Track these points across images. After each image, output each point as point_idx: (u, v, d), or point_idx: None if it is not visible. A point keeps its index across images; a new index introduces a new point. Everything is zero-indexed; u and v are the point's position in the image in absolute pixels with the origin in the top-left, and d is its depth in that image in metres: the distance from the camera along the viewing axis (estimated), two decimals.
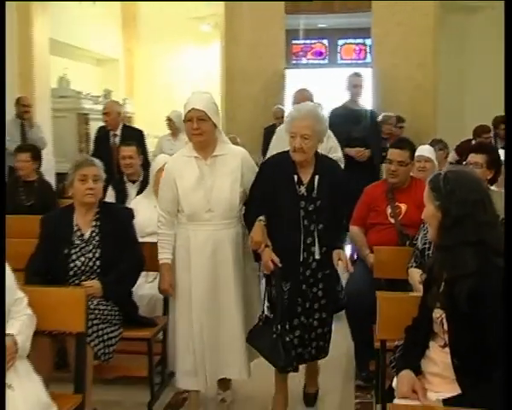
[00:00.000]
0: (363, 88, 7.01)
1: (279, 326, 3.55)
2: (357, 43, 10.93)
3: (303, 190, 3.66)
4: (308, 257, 3.66)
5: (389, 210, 4.47)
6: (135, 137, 7.09)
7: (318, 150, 3.85)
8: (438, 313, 2.67)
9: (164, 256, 3.79)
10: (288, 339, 3.58)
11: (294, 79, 9.97)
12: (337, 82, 10.07)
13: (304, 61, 11.12)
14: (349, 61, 10.74)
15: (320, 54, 11.19)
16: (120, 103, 8.73)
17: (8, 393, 2.77)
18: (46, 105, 9.82)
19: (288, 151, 3.69)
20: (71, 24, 10.87)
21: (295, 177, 3.66)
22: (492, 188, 4.53)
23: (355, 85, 6.76)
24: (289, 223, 3.64)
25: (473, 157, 4.46)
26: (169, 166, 3.86)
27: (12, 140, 7.74)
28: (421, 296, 2.87)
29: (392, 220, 4.38)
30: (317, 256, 3.65)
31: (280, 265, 3.57)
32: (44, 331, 3.36)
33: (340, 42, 11.05)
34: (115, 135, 7.45)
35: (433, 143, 6.39)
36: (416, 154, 4.80)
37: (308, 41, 11.04)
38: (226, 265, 3.71)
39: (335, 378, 4.49)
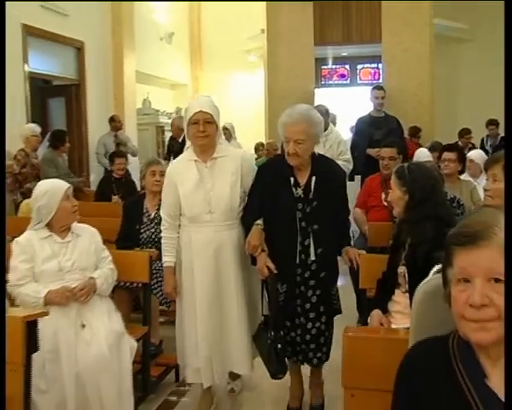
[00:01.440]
0: (384, 99, 6.97)
1: (272, 333, 2.99)
2: (372, 68, 10.95)
3: (300, 191, 2.99)
4: (306, 259, 2.99)
5: (383, 196, 4.58)
6: None
7: (321, 152, 3.32)
8: (401, 269, 2.83)
9: (167, 259, 3.19)
10: (280, 346, 2.98)
11: (322, 97, 10.15)
12: (357, 98, 10.39)
13: (330, 82, 11.23)
14: (366, 82, 10.79)
15: (343, 76, 11.25)
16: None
17: (84, 328, 2.94)
18: (133, 121, 10.01)
19: (279, 155, 3.12)
20: (151, 59, 11.06)
21: (292, 179, 2.99)
22: (462, 177, 4.71)
23: (376, 97, 6.81)
24: (286, 225, 2.97)
25: (446, 155, 4.61)
26: (170, 170, 3.22)
27: (107, 148, 8.00)
28: (389, 257, 2.98)
29: (385, 203, 4.44)
30: (313, 258, 2.98)
31: (275, 271, 2.95)
32: (122, 283, 3.60)
33: (359, 66, 11.09)
34: (177, 142, 7.79)
35: (433, 145, 6.48)
36: (414, 158, 4.95)
37: (334, 66, 11.13)
38: (228, 265, 3.10)
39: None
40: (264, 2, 9.50)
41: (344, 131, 8.76)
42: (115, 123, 8.37)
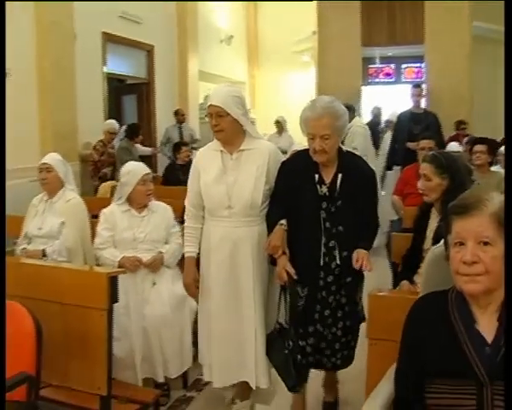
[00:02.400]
0: (422, 96, 6.92)
1: (291, 342, 2.58)
2: (416, 67, 10.92)
3: (325, 189, 2.57)
4: (330, 262, 2.56)
5: (419, 184, 4.71)
6: None
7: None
8: (428, 245, 2.89)
9: (188, 249, 2.80)
10: (299, 357, 2.60)
11: (369, 94, 10.23)
12: (401, 95, 10.39)
13: (377, 80, 11.25)
14: (410, 80, 10.76)
15: (389, 74, 11.26)
16: None
17: (154, 287, 3.12)
18: (195, 115, 10.26)
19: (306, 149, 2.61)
20: (213, 59, 11.34)
21: (316, 176, 2.57)
22: (492, 169, 4.76)
23: (415, 94, 6.80)
24: (309, 225, 2.57)
25: (478, 147, 4.63)
26: (196, 158, 2.87)
27: (172, 138, 8.25)
28: (413, 237, 3.05)
29: (421, 191, 4.57)
30: (338, 261, 2.55)
31: (295, 277, 2.54)
32: None
33: (404, 66, 11.09)
34: None
35: (470, 139, 6.45)
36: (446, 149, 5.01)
37: (380, 65, 11.18)
38: (246, 264, 2.67)
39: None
40: (315, 7, 9.61)
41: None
42: (179, 116, 8.64)
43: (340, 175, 2.58)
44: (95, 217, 3.58)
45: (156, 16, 8.85)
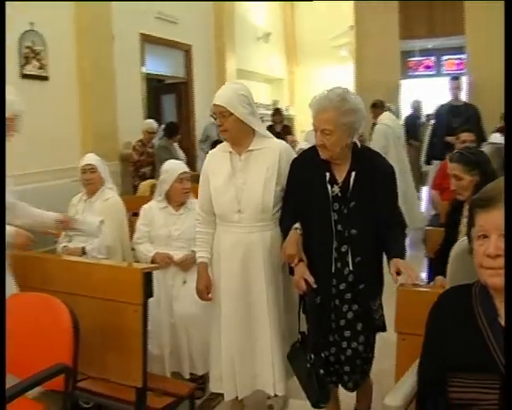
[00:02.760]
0: (461, 89, 6.80)
1: (312, 355, 2.36)
2: (456, 58, 10.72)
3: (336, 189, 2.34)
4: (343, 268, 2.36)
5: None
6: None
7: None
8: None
9: (200, 255, 2.68)
10: (322, 372, 2.37)
11: (408, 87, 10.09)
12: (442, 88, 10.20)
13: (417, 73, 11.10)
14: (451, 72, 10.57)
15: (429, 67, 11.11)
16: (283, 110, 9.36)
17: (185, 285, 3.14)
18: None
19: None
20: (250, 57, 11.40)
21: (327, 175, 2.36)
22: None
23: (453, 87, 6.71)
24: (320, 228, 2.36)
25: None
26: (206, 161, 2.72)
27: (211, 136, 8.31)
28: (446, 232, 3.02)
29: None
30: (351, 267, 2.35)
31: (315, 286, 2.34)
32: None
33: (444, 57, 10.90)
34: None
35: None
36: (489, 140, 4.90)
37: (420, 58, 11.03)
38: (259, 272, 2.52)
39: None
40: (353, 0, 9.54)
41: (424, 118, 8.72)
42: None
43: (353, 173, 2.35)
44: (135, 215, 3.68)
45: (193, 16, 8.96)
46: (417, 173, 8.55)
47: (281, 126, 8.62)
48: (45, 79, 5.87)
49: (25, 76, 5.63)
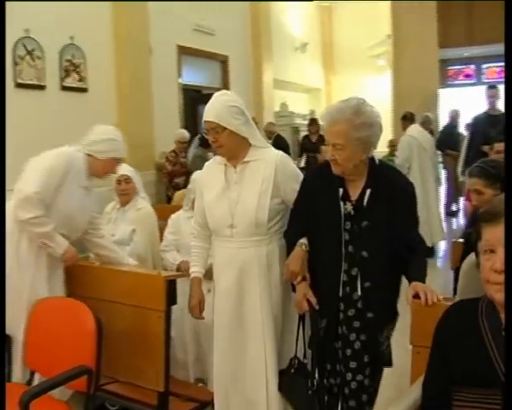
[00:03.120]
0: (498, 97, 6.53)
1: (315, 382, 2.19)
2: (498, 66, 10.51)
3: (349, 207, 2.16)
4: (352, 293, 2.16)
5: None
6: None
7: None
8: None
9: (193, 270, 2.56)
10: (326, 399, 2.23)
11: (447, 96, 9.96)
12: (482, 96, 10.00)
13: (456, 82, 10.94)
14: (492, 80, 10.36)
15: (469, 76, 10.93)
16: (319, 120, 9.37)
17: (209, 294, 2.94)
18: None
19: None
20: (287, 67, 11.47)
21: (341, 191, 2.17)
22: None
23: (489, 96, 6.61)
24: (329, 247, 2.18)
25: None
26: (200, 174, 2.67)
27: None
28: (463, 242, 2.93)
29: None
30: (359, 292, 2.15)
31: (317, 307, 2.20)
32: None
33: (484, 66, 10.71)
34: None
35: None
36: None
37: (459, 67, 10.87)
38: (253, 293, 2.36)
39: None
40: (390, 9, 9.50)
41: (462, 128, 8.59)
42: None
43: (368, 190, 2.15)
44: None
45: (230, 27, 9.10)
46: (454, 184, 8.42)
47: (316, 136, 8.65)
48: (84, 90, 6.07)
49: (65, 88, 5.85)
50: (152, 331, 2.59)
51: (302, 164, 8.82)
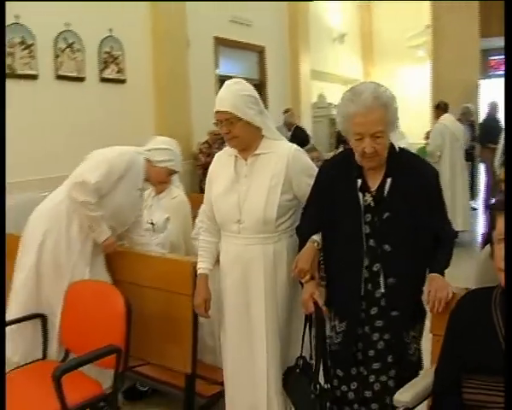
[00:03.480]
0: None
1: (318, 386, 2.07)
2: None
3: (369, 199, 2.00)
4: (374, 290, 2.00)
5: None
6: None
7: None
8: None
9: (200, 266, 2.44)
10: (328, 406, 2.10)
11: (489, 87, 9.74)
12: None
13: (499, 72, 10.66)
14: None
15: None
16: None
17: None
18: (309, 114, 10.42)
19: (350, 149, 2.02)
20: (325, 58, 11.45)
21: (359, 181, 2.01)
22: None
23: None
24: (348, 243, 2.02)
25: None
26: (211, 165, 2.47)
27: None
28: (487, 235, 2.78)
29: None
30: (382, 289, 1.98)
31: (324, 308, 2.07)
32: None
33: None
34: None
35: None
36: None
37: (502, 57, 10.60)
38: (258, 290, 2.26)
39: None
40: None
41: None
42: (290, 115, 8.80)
43: (389, 180, 1.99)
44: None
45: (267, 18, 9.13)
46: (492, 178, 8.26)
47: None
48: (123, 82, 6.23)
49: (103, 79, 6.02)
50: (180, 316, 2.68)
51: None
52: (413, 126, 10.02)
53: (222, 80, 8.31)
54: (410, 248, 1.96)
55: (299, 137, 7.74)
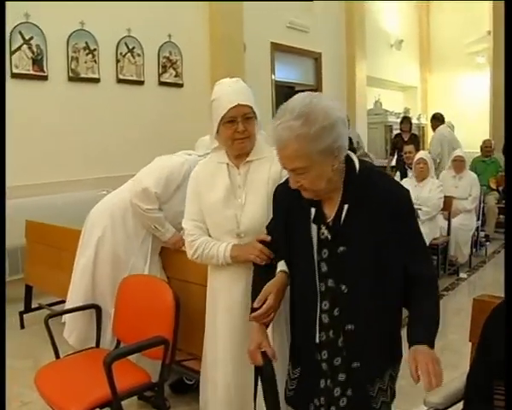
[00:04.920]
0: None
1: None
2: None
3: (325, 231, 1.63)
4: (337, 338, 1.64)
5: None
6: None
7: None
8: None
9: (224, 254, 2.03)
10: None
11: None
12: None
13: None
14: None
15: None
16: (412, 118, 9.28)
17: None
18: (364, 120, 10.38)
19: None
20: (382, 64, 11.33)
21: (313, 211, 1.65)
22: None
23: None
24: (302, 282, 1.69)
25: None
26: (195, 173, 2.17)
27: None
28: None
29: None
30: (341, 337, 1.63)
31: (274, 359, 1.70)
32: None
33: None
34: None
35: None
36: None
37: None
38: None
39: None
40: (491, 5, 9.13)
41: None
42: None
43: (345, 207, 1.60)
44: None
45: (323, 24, 9.15)
46: None
47: (408, 135, 8.49)
48: (180, 86, 6.40)
49: (162, 83, 6.20)
50: None
51: (393, 163, 8.72)
52: (471, 135, 9.80)
53: (278, 85, 8.48)
54: (373, 287, 1.59)
55: None
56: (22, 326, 4.31)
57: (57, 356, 2.63)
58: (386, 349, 1.66)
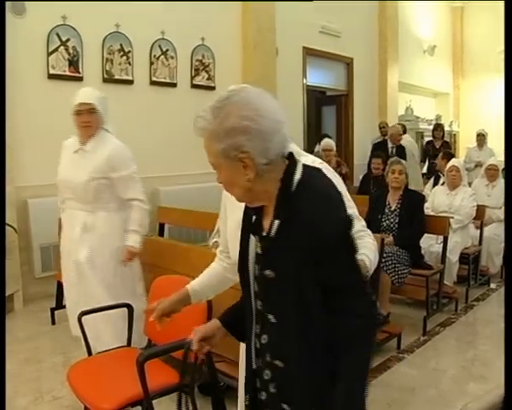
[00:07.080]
0: None
1: None
2: None
3: (258, 244, 1.39)
4: (263, 369, 1.41)
5: None
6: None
7: None
8: None
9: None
10: None
11: None
12: None
13: None
14: None
15: None
16: (444, 125, 9.17)
17: None
18: None
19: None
20: (414, 70, 11.23)
21: (253, 218, 1.42)
22: None
23: None
24: (244, 296, 1.46)
25: None
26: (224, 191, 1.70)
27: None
28: None
29: None
30: (268, 372, 1.39)
31: (199, 358, 1.73)
32: None
33: None
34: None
35: None
36: None
37: None
38: None
39: None
40: None
41: None
42: (381, 129, 8.77)
43: (276, 223, 1.33)
44: None
45: (356, 29, 9.12)
46: None
47: (441, 142, 8.39)
48: (212, 89, 6.43)
49: (194, 86, 6.25)
50: None
51: (424, 170, 8.61)
52: (501, 143, 9.60)
53: (309, 90, 8.48)
54: (301, 324, 1.31)
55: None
56: (53, 322, 4.39)
57: (89, 353, 2.67)
58: (320, 395, 1.33)
